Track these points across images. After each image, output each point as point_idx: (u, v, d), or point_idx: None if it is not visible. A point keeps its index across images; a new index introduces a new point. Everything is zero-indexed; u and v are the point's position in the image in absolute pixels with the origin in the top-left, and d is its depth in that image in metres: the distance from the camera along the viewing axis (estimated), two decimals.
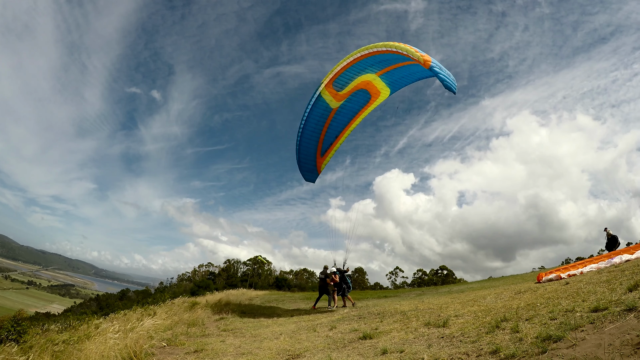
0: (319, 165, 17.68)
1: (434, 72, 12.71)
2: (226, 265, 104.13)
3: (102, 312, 45.80)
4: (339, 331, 13.76)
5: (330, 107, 16.24)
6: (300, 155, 17.29)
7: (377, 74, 15.26)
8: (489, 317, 10.98)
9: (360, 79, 15.48)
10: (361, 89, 15.76)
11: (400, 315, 15.30)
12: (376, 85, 15.60)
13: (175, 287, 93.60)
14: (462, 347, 8.60)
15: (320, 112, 16.32)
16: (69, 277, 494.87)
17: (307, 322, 17.74)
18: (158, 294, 75.39)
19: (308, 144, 16.96)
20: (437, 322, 11.78)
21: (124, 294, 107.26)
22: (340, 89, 15.78)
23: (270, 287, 74.76)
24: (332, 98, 16.03)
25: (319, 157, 17.39)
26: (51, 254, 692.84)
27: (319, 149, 17.18)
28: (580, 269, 17.40)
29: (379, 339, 11.08)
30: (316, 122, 16.52)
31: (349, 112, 16.31)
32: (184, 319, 20.42)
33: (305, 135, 16.69)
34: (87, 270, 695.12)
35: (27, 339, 12.48)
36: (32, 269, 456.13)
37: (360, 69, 15.32)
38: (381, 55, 14.68)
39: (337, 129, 16.68)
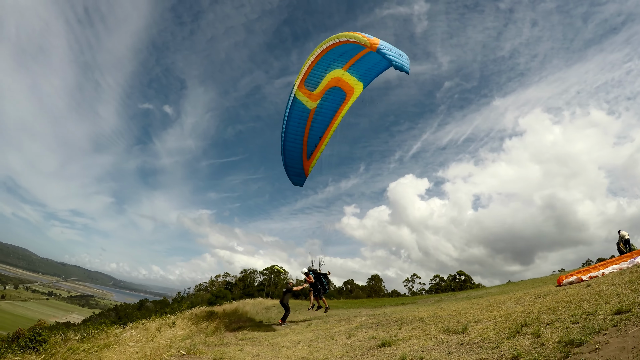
0: (306, 168, 17.67)
1: (381, 53, 12.50)
2: (242, 275, 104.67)
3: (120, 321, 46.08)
4: (357, 339, 13.66)
5: (308, 108, 16.24)
6: (286, 159, 17.33)
7: (343, 68, 15.22)
8: (509, 323, 10.81)
9: (329, 76, 15.45)
10: (333, 86, 15.72)
11: (418, 322, 15.15)
12: (347, 81, 15.53)
13: (192, 297, 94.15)
14: (483, 353, 8.48)
15: (299, 114, 16.34)
16: (88, 288, 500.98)
17: (325, 330, 17.67)
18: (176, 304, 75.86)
19: (292, 148, 16.99)
20: (457, 328, 11.62)
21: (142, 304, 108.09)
22: (313, 88, 15.80)
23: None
24: (308, 99, 16.04)
25: (305, 159, 17.38)
26: (71, 266, 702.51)
27: (304, 152, 17.17)
28: (602, 270, 17.07)
29: (397, 347, 10.96)
30: (297, 125, 16.54)
31: (327, 111, 16.26)
32: (202, 328, 20.51)
33: (288, 138, 16.72)
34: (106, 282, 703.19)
35: (48, 348, 12.62)
36: (52, 281, 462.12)
37: (326, 66, 15.33)
38: (338, 48, 14.67)
39: (319, 130, 16.65)
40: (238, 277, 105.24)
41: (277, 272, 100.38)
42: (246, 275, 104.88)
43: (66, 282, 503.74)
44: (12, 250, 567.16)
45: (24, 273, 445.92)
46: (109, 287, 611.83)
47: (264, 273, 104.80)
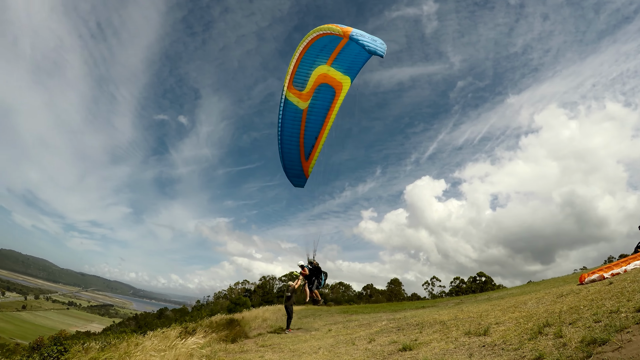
0: (305, 169, 17.64)
1: (353, 39, 12.58)
2: (261, 282, 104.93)
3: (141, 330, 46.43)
4: (378, 343, 13.64)
5: (300, 108, 16.23)
6: (285, 161, 17.34)
7: (327, 63, 15.18)
8: (530, 323, 10.73)
9: (315, 73, 15.42)
10: (322, 83, 15.68)
11: (439, 325, 15.08)
12: (334, 76, 15.47)
13: (212, 305, 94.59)
14: (505, 355, 8.44)
15: (292, 115, 16.34)
16: (108, 297, 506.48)
17: (345, 335, 17.66)
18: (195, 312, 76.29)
19: (290, 149, 16.98)
20: (478, 330, 11.56)
21: (161, 313, 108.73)
22: (302, 87, 15.77)
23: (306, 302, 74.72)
24: (299, 99, 16.03)
25: (303, 161, 17.35)
26: (90, 276, 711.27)
27: (302, 153, 17.14)
28: (624, 267, 16.82)
29: (419, 350, 10.94)
30: (291, 126, 16.53)
31: (320, 110, 16.23)
32: (223, 336, 20.63)
33: (284, 141, 16.72)
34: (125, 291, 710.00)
35: (69, 357, 12.80)
36: (72, 291, 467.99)
37: (310, 63, 15.32)
38: (318, 42, 14.66)
39: (314, 130, 16.61)
40: (257, 284, 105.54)
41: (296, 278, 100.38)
42: (265, 282, 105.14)
43: (86, 292, 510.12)
44: (33, 262, 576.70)
45: (44, 283, 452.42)
46: (128, 297, 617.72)
47: (282, 279, 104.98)
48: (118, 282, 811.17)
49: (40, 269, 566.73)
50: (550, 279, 35.17)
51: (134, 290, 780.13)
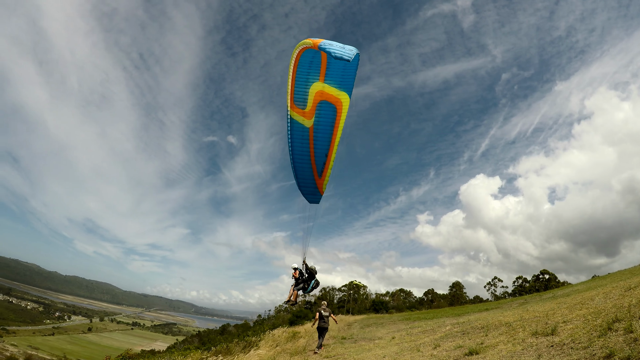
0: (319, 186, 17.64)
1: (321, 48, 12.93)
2: (322, 293, 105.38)
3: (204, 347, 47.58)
4: (444, 349, 13.61)
5: (306, 126, 16.30)
6: (299, 179, 17.42)
7: (320, 80, 15.26)
8: (599, 320, 10.52)
9: (312, 91, 15.51)
10: (321, 101, 15.71)
11: (505, 327, 14.89)
12: (331, 93, 15.50)
13: (273, 319, 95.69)
14: (574, 354, 8.35)
15: (300, 134, 16.45)
16: (171, 316, 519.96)
17: (409, 342, 17.64)
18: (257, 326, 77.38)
19: (302, 167, 17.06)
20: (545, 330, 11.41)
21: (224, 329, 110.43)
22: (303, 106, 15.88)
23: (368, 310, 74.54)
24: (303, 117, 16.13)
25: (317, 178, 17.35)
26: (153, 297, 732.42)
27: (315, 171, 17.15)
28: None
29: (485, 354, 10.89)
30: (301, 145, 16.61)
31: (325, 127, 16.25)
32: (287, 349, 21.01)
33: (296, 159, 16.83)
34: (187, 309, 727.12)
35: None
36: (136, 311, 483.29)
37: (304, 80, 15.46)
38: (302, 59, 14.83)
39: (323, 147, 16.63)
40: (317, 295, 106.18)
41: (357, 287, 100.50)
42: (325, 294, 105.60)
43: (149, 312, 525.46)
44: (96, 286, 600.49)
45: (108, 306, 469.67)
46: (190, 315, 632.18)
47: (342, 290, 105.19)
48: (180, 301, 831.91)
49: (104, 292, 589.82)
50: (617, 272, 33.80)
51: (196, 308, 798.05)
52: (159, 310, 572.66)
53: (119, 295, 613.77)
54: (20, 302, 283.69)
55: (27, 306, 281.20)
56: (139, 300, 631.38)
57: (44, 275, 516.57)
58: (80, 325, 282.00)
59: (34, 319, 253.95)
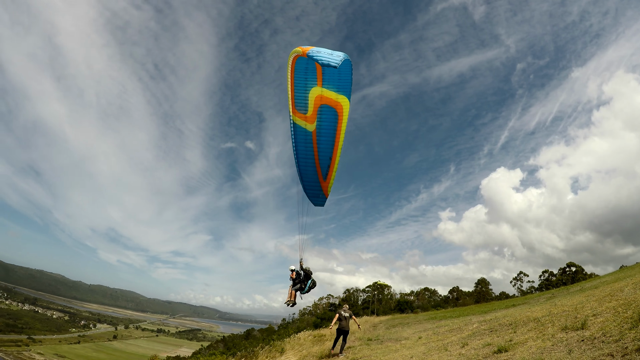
0: (324, 189, 17.72)
1: (310, 56, 13.06)
2: (345, 294, 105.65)
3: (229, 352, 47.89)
4: (472, 347, 13.48)
5: (309, 130, 16.41)
6: (304, 182, 17.51)
7: (318, 84, 15.35)
8: (630, 311, 10.32)
9: (312, 95, 15.63)
10: (321, 105, 15.78)
11: (533, 322, 14.69)
12: (330, 96, 15.57)
13: (298, 322, 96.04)
14: (606, 347, 8.20)
15: (303, 138, 16.57)
16: (195, 322, 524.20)
17: (437, 342, 17.50)
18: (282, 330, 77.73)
19: (307, 171, 17.16)
20: (575, 324, 11.23)
21: (248, 334, 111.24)
22: (305, 111, 16.01)
23: (392, 311, 74.22)
24: (305, 122, 16.25)
25: (322, 181, 17.43)
26: (177, 303, 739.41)
27: (319, 174, 17.24)
28: None
29: (515, 351, 10.76)
30: (305, 148, 16.73)
31: (327, 131, 16.33)
32: (313, 352, 21.00)
33: (300, 163, 16.96)
34: (212, 315, 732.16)
35: None
36: (160, 318, 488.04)
37: (303, 86, 15.60)
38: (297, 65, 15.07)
39: (327, 151, 16.70)
40: (341, 297, 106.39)
41: (381, 288, 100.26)
42: (349, 295, 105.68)
43: (173, 318, 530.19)
44: (121, 294, 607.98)
45: (133, 314, 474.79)
46: (215, 320, 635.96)
47: (366, 290, 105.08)
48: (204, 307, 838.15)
49: (129, 300, 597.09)
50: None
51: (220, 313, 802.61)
52: (183, 317, 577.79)
53: (144, 303, 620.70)
54: (46, 312, 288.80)
55: (52, 315, 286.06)
56: (163, 307, 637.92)
57: (69, 284, 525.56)
58: (105, 333, 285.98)
59: (60, 327, 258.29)
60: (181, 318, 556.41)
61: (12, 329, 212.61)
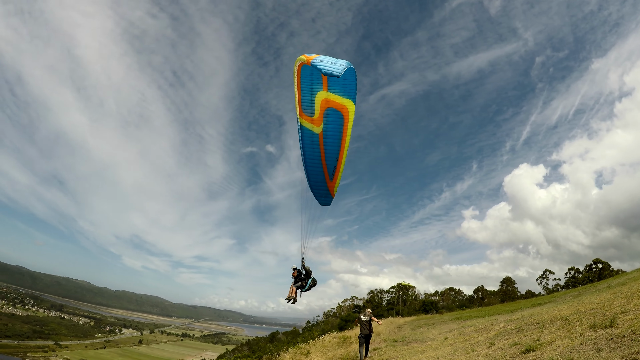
0: (331, 189, 17.97)
1: (314, 66, 13.26)
2: (370, 296, 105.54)
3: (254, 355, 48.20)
4: (499, 347, 13.43)
5: (315, 132, 16.66)
6: (311, 182, 17.76)
7: (324, 89, 15.61)
8: None
9: (318, 99, 15.88)
10: (328, 108, 16.01)
11: (561, 321, 14.57)
12: (336, 100, 15.79)
13: (322, 324, 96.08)
14: (635, 346, 8.15)
15: (310, 140, 16.83)
16: (220, 326, 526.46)
17: (463, 342, 17.45)
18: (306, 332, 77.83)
19: (314, 171, 17.42)
20: (603, 322, 11.13)
21: (273, 337, 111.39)
22: (311, 113, 16.27)
23: (417, 312, 73.81)
24: (312, 124, 16.51)
25: (328, 181, 17.69)
26: (201, 307, 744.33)
27: (326, 174, 17.51)
28: None
29: (543, 350, 10.71)
30: (312, 150, 17.01)
31: (333, 133, 16.60)
32: (338, 355, 21.10)
33: (308, 163, 17.22)
34: (236, 318, 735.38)
35: None
36: (185, 323, 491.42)
37: (309, 90, 15.84)
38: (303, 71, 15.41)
39: (333, 152, 16.96)
40: (366, 298, 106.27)
41: (405, 289, 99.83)
42: (373, 296, 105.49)
43: (198, 322, 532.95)
44: (146, 299, 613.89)
45: (158, 318, 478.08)
46: (239, 324, 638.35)
47: (390, 291, 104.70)
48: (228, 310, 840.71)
49: (153, 305, 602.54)
50: None
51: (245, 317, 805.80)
52: (208, 321, 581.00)
53: (168, 308, 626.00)
54: (72, 318, 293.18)
55: (79, 321, 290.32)
56: (188, 312, 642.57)
57: (95, 291, 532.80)
58: (131, 337, 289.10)
59: (86, 333, 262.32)
60: (206, 322, 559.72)
61: (39, 335, 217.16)
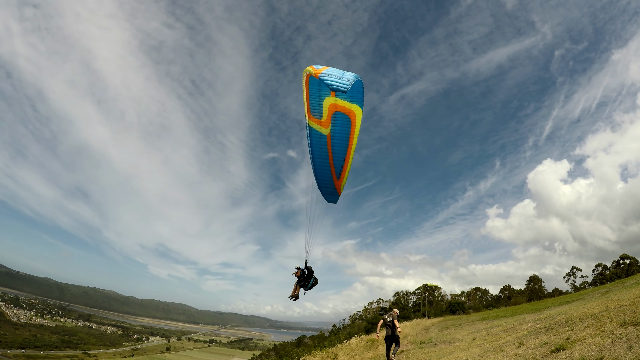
0: (337, 187, 18.29)
1: (321, 80, 13.67)
2: (395, 298, 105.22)
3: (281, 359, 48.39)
4: (528, 347, 13.38)
5: (324, 134, 16.99)
6: (319, 181, 18.08)
7: (332, 95, 15.95)
8: None
9: (326, 103, 16.22)
10: (335, 112, 16.32)
11: (590, 319, 14.45)
12: (344, 105, 16.10)
13: (349, 328, 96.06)
14: None
15: (318, 140, 17.19)
16: (247, 332, 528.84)
17: (491, 343, 17.38)
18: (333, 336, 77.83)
19: (322, 170, 17.76)
20: (634, 319, 11.06)
21: (300, 341, 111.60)
22: (319, 116, 16.61)
23: (444, 312, 73.30)
24: (320, 126, 16.85)
25: (335, 179, 18.02)
26: (228, 314, 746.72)
27: (333, 173, 17.86)
28: None
29: (573, 349, 10.67)
30: (320, 150, 17.36)
31: (341, 135, 16.94)
32: (366, 358, 21.15)
33: (316, 163, 17.55)
34: (263, 324, 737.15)
35: None
36: (212, 329, 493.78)
37: (317, 95, 16.18)
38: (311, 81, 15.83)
39: (341, 152, 17.30)
40: (391, 300, 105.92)
41: (431, 289, 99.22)
42: (399, 298, 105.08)
43: (225, 329, 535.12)
44: (172, 307, 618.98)
45: (185, 326, 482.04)
46: (266, 329, 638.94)
47: (416, 293, 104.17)
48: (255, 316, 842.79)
49: (180, 312, 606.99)
50: None
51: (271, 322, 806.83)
52: (234, 327, 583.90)
53: (195, 315, 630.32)
54: (100, 327, 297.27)
55: (106, 330, 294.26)
56: (214, 318, 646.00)
57: (121, 300, 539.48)
58: (158, 345, 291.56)
59: (114, 342, 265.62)
60: (232, 328, 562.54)
61: (68, 345, 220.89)
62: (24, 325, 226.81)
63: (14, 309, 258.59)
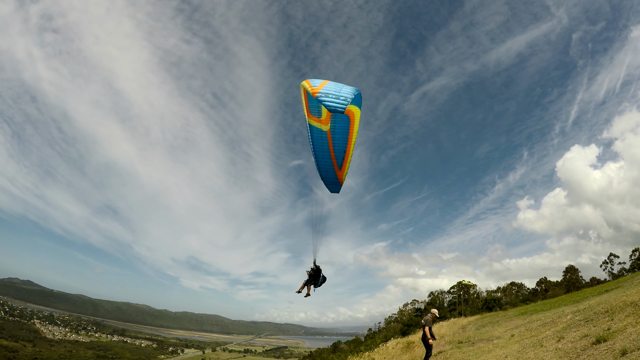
0: (339, 177, 18.59)
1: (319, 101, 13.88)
2: (430, 298, 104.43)
3: None
4: (569, 340, 13.11)
5: (324, 130, 17.23)
6: (321, 172, 18.41)
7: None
8: None
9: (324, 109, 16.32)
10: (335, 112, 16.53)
11: (631, 307, 14.09)
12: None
13: (384, 331, 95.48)
14: None
15: (319, 136, 17.54)
16: (281, 340, 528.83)
17: (530, 338, 17.08)
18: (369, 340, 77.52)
19: (324, 162, 18.09)
20: None
21: (335, 347, 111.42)
22: (318, 115, 16.79)
23: (480, 310, 72.29)
24: (320, 124, 17.08)
25: (337, 170, 18.30)
26: (261, 323, 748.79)
27: (335, 164, 18.15)
28: None
29: (614, 340, 10.42)
30: (321, 144, 17.68)
31: (341, 131, 17.17)
32: None
33: (318, 155, 17.88)
34: (297, 331, 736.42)
35: None
36: (246, 339, 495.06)
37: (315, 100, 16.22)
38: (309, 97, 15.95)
39: (341, 145, 17.55)
40: (427, 301, 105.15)
41: (466, 287, 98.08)
42: (434, 298, 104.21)
43: (259, 338, 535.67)
44: (206, 319, 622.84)
45: (219, 336, 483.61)
46: (300, 336, 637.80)
47: (451, 292, 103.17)
48: (289, 324, 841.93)
49: (214, 324, 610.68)
50: None
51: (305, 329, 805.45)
52: (269, 335, 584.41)
53: (229, 325, 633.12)
54: (134, 341, 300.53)
55: (141, 344, 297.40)
56: (248, 328, 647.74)
57: (155, 314, 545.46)
58: (193, 357, 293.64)
59: (149, 355, 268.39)
60: (267, 337, 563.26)
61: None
62: (59, 341, 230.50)
63: (49, 326, 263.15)
